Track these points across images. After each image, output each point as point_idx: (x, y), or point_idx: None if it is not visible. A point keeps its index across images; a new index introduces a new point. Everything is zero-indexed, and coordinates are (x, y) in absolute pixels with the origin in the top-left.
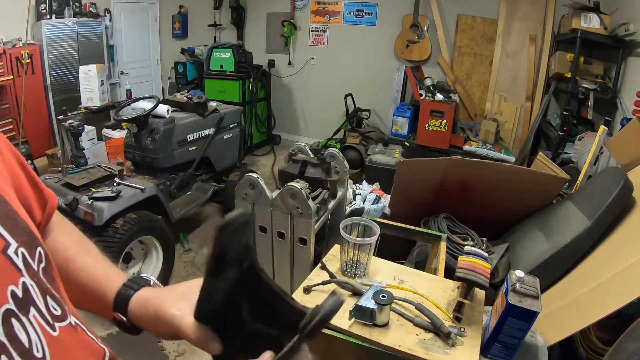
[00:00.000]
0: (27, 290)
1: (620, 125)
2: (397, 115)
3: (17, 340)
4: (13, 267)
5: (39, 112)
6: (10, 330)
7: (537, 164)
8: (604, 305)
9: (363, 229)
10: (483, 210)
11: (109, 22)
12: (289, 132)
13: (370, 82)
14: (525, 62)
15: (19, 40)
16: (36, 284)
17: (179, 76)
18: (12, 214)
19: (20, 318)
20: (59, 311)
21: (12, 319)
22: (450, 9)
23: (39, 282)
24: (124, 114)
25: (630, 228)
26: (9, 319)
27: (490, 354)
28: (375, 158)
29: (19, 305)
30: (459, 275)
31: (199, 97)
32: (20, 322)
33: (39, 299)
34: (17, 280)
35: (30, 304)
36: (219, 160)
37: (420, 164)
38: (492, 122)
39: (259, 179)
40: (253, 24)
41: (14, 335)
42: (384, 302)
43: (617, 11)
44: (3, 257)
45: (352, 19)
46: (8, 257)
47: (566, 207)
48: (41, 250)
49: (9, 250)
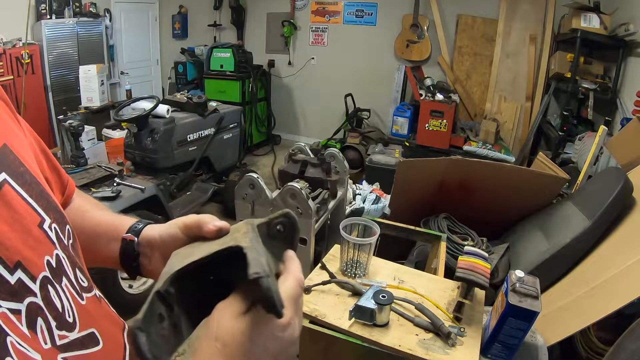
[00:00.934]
0: (60, 261)
1: (620, 125)
2: (397, 115)
3: (52, 304)
4: (48, 240)
5: (39, 112)
6: (47, 295)
7: (537, 164)
8: (604, 305)
9: (363, 229)
10: (483, 210)
11: (109, 22)
12: (289, 132)
13: (370, 82)
14: (525, 62)
15: (19, 40)
16: (67, 257)
17: (179, 76)
18: (45, 194)
19: (55, 285)
20: (86, 283)
21: (48, 285)
22: (450, 9)
23: (69, 255)
24: (124, 114)
25: (630, 228)
26: (45, 285)
27: (490, 354)
28: (375, 158)
29: (53, 274)
30: (459, 275)
31: (199, 97)
32: (55, 288)
33: (70, 270)
34: (52, 252)
35: (62, 274)
36: (219, 160)
37: (420, 164)
38: (492, 122)
39: (259, 179)
40: (253, 24)
41: (50, 300)
42: (384, 302)
43: (617, 11)
44: (40, 230)
45: (352, 19)
46: (44, 231)
47: (566, 207)
48: (69, 228)
49: (44, 225)
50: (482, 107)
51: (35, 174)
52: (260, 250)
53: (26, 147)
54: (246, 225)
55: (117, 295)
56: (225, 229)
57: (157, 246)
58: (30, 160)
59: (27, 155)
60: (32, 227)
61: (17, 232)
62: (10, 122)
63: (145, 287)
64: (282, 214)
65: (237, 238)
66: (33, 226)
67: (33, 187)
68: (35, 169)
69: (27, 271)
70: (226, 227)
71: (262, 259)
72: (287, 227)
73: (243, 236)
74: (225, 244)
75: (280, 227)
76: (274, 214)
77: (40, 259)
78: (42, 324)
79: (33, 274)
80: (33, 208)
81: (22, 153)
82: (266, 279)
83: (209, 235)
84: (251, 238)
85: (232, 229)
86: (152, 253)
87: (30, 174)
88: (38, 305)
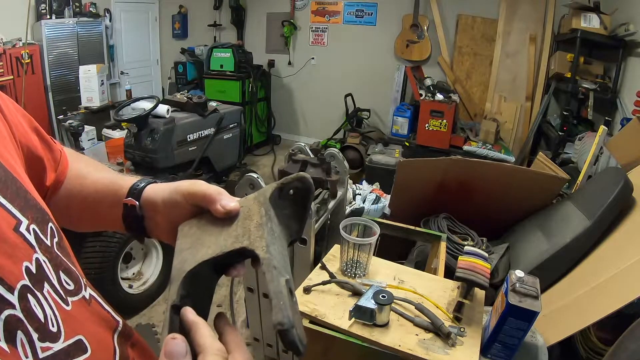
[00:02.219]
0: (41, 266)
1: (620, 125)
2: (397, 115)
3: (33, 315)
4: (26, 244)
5: (39, 112)
6: (27, 305)
7: (537, 164)
8: (604, 305)
9: (363, 229)
10: (483, 210)
11: (109, 22)
12: (289, 132)
13: (370, 82)
14: (525, 62)
15: (19, 40)
16: (49, 260)
17: (179, 76)
18: (22, 191)
19: (36, 293)
20: (72, 286)
21: (28, 295)
22: (450, 9)
23: (51, 257)
24: (124, 114)
25: (630, 228)
26: (25, 295)
27: (490, 354)
28: (375, 158)
29: (33, 281)
30: (459, 275)
31: (199, 97)
32: (36, 297)
33: (52, 274)
34: (31, 256)
35: (44, 280)
36: (219, 160)
37: (420, 164)
38: (492, 122)
39: (259, 179)
40: (253, 24)
41: (30, 310)
42: (384, 302)
43: (617, 11)
44: (16, 235)
45: (352, 19)
46: (20, 234)
47: (566, 207)
48: (52, 226)
49: (21, 228)
50: (482, 107)
51: (11, 169)
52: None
53: (3, 137)
54: (259, 206)
55: (116, 295)
56: (235, 212)
57: (159, 211)
58: (7, 153)
59: (2, 146)
60: (7, 231)
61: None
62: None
63: (145, 287)
64: (296, 178)
65: (250, 233)
66: (7, 230)
67: (8, 184)
68: (12, 163)
69: (3, 282)
70: (235, 210)
71: (282, 281)
72: (301, 191)
73: (257, 229)
74: (238, 241)
75: (292, 191)
76: (288, 177)
77: (17, 266)
78: (23, 337)
79: (10, 284)
80: (7, 210)
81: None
82: (291, 331)
83: (217, 215)
84: (267, 231)
85: (243, 211)
86: (155, 216)
87: (4, 169)
88: (17, 318)
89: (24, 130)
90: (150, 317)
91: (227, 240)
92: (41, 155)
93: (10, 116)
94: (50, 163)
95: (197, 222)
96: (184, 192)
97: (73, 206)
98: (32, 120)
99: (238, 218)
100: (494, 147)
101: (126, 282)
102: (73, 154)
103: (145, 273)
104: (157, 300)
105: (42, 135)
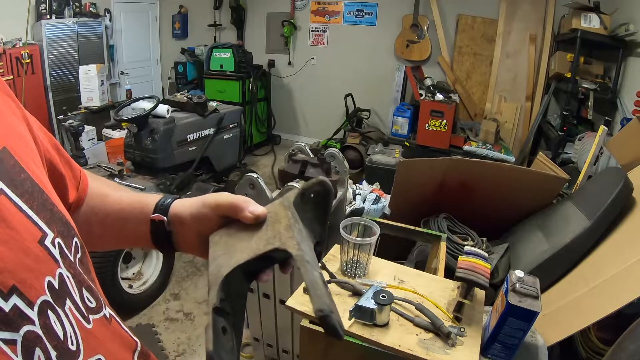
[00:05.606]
0: (64, 281)
1: (620, 125)
2: (397, 115)
3: (52, 332)
4: (50, 258)
5: (39, 112)
6: (46, 322)
7: (537, 164)
8: (604, 305)
9: (363, 229)
10: (483, 210)
11: (109, 22)
12: (289, 132)
13: (370, 82)
14: (525, 62)
15: (19, 40)
16: (72, 275)
17: (179, 76)
18: (49, 203)
19: (56, 310)
20: (94, 303)
21: (49, 311)
22: (450, 9)
23: (75, 273)
24: (124, 114)
25: (630, 228)
26: (45, 311)
27: (490, 354)
28: (375, 158)
29: (55, 297)
30: (459, 275)
31: (199, 97)
32: (56, 313)
33: (75, 291)
34: (54, 271)
35: (66, 296)
36: (219, 160)
37: (420, 164)
38: (492, 122)
39: (259, 179)
40: (253, 24)
41: (50, 327)
42: (384, 302)
43: (617, 11)
44: (40, 248)
45: (352, 19)
46: (45, 248)
47: (566, 207)
48: (77, 241)
49: (46, 241)
50: (482, 107)
51: (38, 181)
52: (306, 247)
53: (31, 149)
54: (285, 210)
55: (116, 295)
56: (263, 217)
57: (188, 225)
58: (34, 165)
59: (30, 158)
60: (31, 244)
61: (12, 252)
62: (15, 121)
63: (145, 287)
64: (316, 182)
65: (281, 235)
66: (32, 243)
67: (35, 196)
68: (39, 175)
69: (24, 296)
70: (263, 215)
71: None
72: (321, 194)
73: (286, 230)
74: (270, 243)
75: (313, 194)
76: (309, 182)
77: (39, 280)
78: (41, 354)
79: (30, 299)
80: (33, 222)
81: (24, 157)
82: (330, 316)
83: (245, 222)
84: (296, 231)
85: (271, 217)
86: (184, 231)
87: (32, 181)
88: (36, 334)
89: (47, 147)
90: (151, 317)
91: (259, 243)
92: (63, 173)
93: (37, 131)
94: (72, 181)
95: (227, 231)
96: (212, 204)
97: (95, 224)
98: (53, 137)
99: (266, 223)
100: (494, 147)
101: (126, 282)
102: (91, 174)
103: (145, 273)
104: (157, 300)
105: (63, 153)
